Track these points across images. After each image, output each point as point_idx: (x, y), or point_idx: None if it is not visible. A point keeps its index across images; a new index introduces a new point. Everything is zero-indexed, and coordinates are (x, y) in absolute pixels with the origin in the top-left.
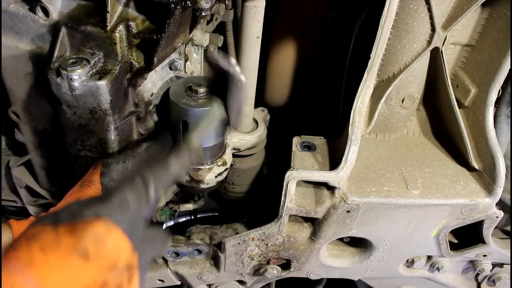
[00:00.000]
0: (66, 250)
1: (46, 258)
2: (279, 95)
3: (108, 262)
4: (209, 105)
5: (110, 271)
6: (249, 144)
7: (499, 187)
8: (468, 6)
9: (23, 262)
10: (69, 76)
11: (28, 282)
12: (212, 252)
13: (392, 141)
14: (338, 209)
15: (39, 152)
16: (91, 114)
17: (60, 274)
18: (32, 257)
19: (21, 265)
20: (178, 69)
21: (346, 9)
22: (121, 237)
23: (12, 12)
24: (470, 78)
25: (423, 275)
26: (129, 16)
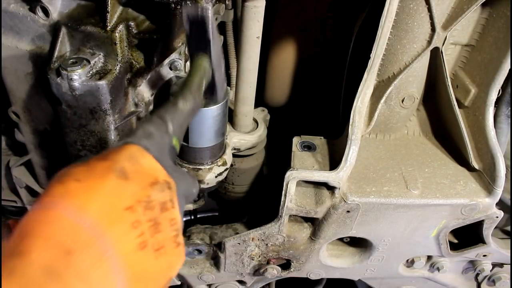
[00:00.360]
0: (102, 173)
1: (82, 185)
2: (279, 95)
3: (147, 179)
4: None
5: (152, 188)
6: (249, 144)
7: (499, 187)
8: (468, 6)
9: (57, 195)
10: (69, 76)
11: (66, 211)
12: (212, 252)
13: (392, 141)
14: (338, 209)
15: (39, 152)
16: (91, 114)
17: (101, 197)
18: (66, 188)
19: (55, 198)
20: (178, 69)
21: (346, 9)
22: (153, 159)
23: (12, 12)
24: (470, 78)
25: (423, 275)
26: (129, 16)
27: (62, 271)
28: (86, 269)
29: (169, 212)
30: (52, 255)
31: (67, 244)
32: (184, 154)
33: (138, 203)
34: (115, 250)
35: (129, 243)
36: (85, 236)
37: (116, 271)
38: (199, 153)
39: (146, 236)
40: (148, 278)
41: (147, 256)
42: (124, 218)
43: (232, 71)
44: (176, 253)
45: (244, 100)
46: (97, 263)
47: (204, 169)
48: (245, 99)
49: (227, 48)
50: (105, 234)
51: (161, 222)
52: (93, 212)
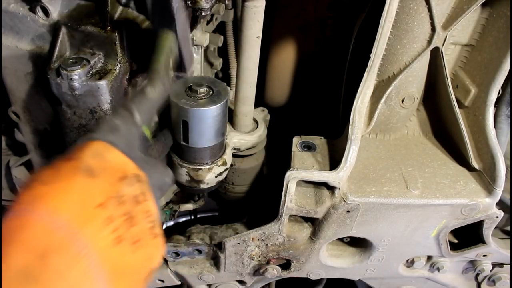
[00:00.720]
0: (68, 174)
1: (51, 188)
2: (279, 95)
3: (115, 174)
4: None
5: (121, 183)
6: (249, 144)
7: (499, 187)
8: (468, 6)
9: (27, 201)
10: (69, 76)
11: (37, 216)
12: (212, 252)
13: (392, 141)
14: (338, 209)
15: (39, 152)
16: (91, 114)
17: (70, 198)
18: (35, 193)
19: (26, 205)
20: None
21: (346, 9)
22: (120, 153)
23: (12, 12)
24: (470, 78)
25: (423, 275)
26: (129, 16)
27: (37, 275)
28: (62, 269)
29: (142, 205)
30: (27, 259)
31: (41, 247)
32: (184, 154)
33: (109, 199)
34: (91, 248)
35: (104, 239)
36: (58, 238)
37: (95, 268)
38: (199, 153)
39: (121, 231)
40: (128, 271)
41: (124, 250)
42: (96, 216)
43: (232, 71)
44: (154, 244)
45: (244, 100)
46: (73, 263)
47: (204, 169)
48: (245, 99)
49: (227, 48)
50: (79, 233)
51: (135, 215)
52: (64, 213)
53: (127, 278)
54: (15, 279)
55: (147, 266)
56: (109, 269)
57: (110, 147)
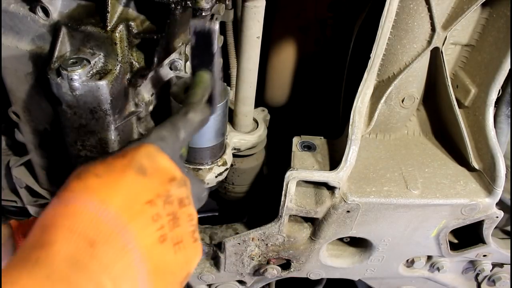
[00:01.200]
0: (121, 169)
1: (103, 180)
2: (279, 95)
3: (166, 175)
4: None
5: (170, 184)
6: (249, 144)
7: (499, 187)
8: (468, 6)
9: (77, 190)
10: (69, 76)
11: (88, 205)
12: (212, 252)
13: (392, 141)
14: (338, 209)
15: (39, 152)
16: (92, 114)
17: (121, 191)
18: (86, 183)
19: (75, 193)
20: (178, 69)
21: (346, 9)
22: (169, 159)
23: (12, 12)
24: (470, 78)
25: (423, 275)
26: (129, 16)
27: (86, 262)
28: (109, 260)
29: (187, 208)
30: (75, 246)
31: (90, 236)
32: None
33: (158, 197)
34: (137, 243)
35: (149, 236)
36: (107, 229)
37: (138, 263)
38: (199, 153)
39: (166, 230)
40: (167, 271)
41: (167, 249)
42: (144, 212)
43: (232, 71)
44: (194, 248)
45: (244, 100)
46: (120, 255)
47: (204, 169)
48: (245, 99)
49: (227, 48)
50: (127, 227)
51: (179, 217)
52: (114, 205)
53: (166, 278)
54: (63, 265)
55: (186, 269)
56: (151, 266)
57: (161, 151)
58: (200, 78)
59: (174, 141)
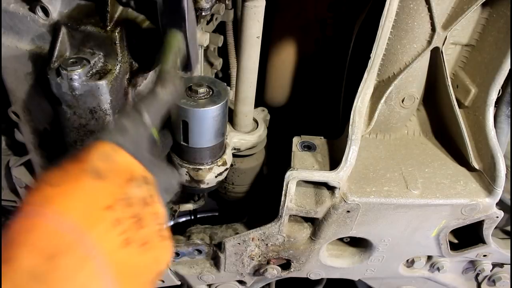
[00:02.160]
0: (76, 176)
1: (59, 190)
2: (279, 95)
3: (123, 176)
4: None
5: (129, 185)
6: (249, 144)
7: (499, 187)
8: (468, 6)
9: (36, 203)
10: (69, 76)
11: (45, 218)
12: (212, 252)
13: (392, 141)
14: (338, 209)
15: (39, 152)
16: (91, 114)
17: (78, 200)
18: (44, 195)
19: (34, 206)
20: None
21: (346, 9)
22: (128, 155)
23: (12, 12)
24: (470, 78)
25: (423, 275)
26: (129, 16)
27: (46, 276)
28: (70, 271)
29: (150, 207)
30: (36, 261)
31: (49, 249)
32: (184, 154)
33: (117, 201)
34: (98, 250)
35: (111, 242)
36: (66, 240)
37: (102, 270)
38: (199, 153)
39: (129, 233)
40: (135, 273)
41: (132, 252)
42: (103, 218)
43: (232, 71)
44: (162, 247)
45: (244, 100)
46: (81, 265)
47: (204, 169)
48: (245, 99)
49: (227, 48)
50: (86, 235)
51: (143, 217)
52: (72, 215)
53: (134, 280)
54: (23, 280)
55: (155, 269)
56: (117, 271)
57: (117, 149)
58: (171, 40)
59: (137, 129)
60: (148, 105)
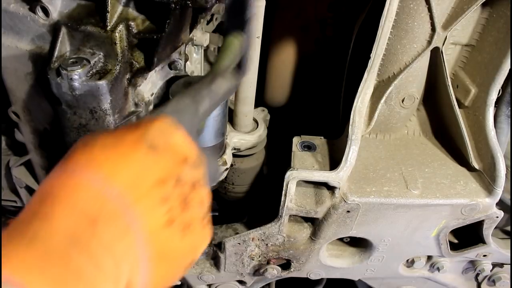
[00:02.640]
0: (132, 143)
1: (110, 154)
2: (279, 95)
3: (179, 155)
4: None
5: (183, 165)
6: (249, 144)
7: (499, 187)
8: (468, 6)
9: (82, 162)
10: (69, 76)
11: (92, 179)
12: (212, 252)
13: (392, 141)
14: (338, 209)
15: (39, 152)
16: (91, 114)
17: (129, 168)
18: (93, 155)
19: (80, 166)
20: (178, 69)
21: (346, 9)
22: (186, 135)
23: (12, 12)
24: (470, 78)
25: (423, 275)
26: (129, 16)
27: (87, 241)
28: (110, 241)
29: (199, 191)
30: (76, 223)
31: (92, 213)
32: None
33: (168, 178)
34: (141, 225)
35: (156, 219)
36: (111, 207)
37: (140, 246)
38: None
39: (174, 213)
40: (171, 257)
41: (173, 234)
42: (152, 192)
43: None
44: (202, 234)
45: (244, 100)
46: (122, 236)
47: None
48: (245, 99)
49: None
50: (132, 207)
51: (190, 200)
52: (120, 183)
53: (169, 263)
54: (62, 242)
55: (191, 256)
56: (154, 250)
57: (177, 127)
58: (231, 42)
59: (193, 114)
60: (204, 96)
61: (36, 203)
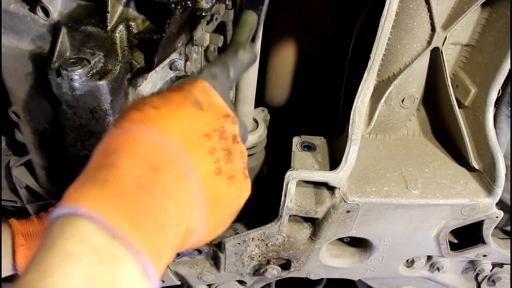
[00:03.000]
0: (179, 102)
1: (161, 112)
2: (279, 94)
3: (220, 111)
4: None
5: (225, 120)
6: (249, 144)
7: (499, 187)
8: (468, 6)
9: (136, 120)
10: (70, 76)
11: (148, 133)
12: (212, 252)
13: (392, 141)
14: (338, 209)
15: (39, 152)
16: (92, 114)
17: (180, 123)
18: (146, 114)
19: (135, 123)
20: (178, 69)
21: (346, 9)
22: (220, 97)
23: (12, 12)
24: (470, 78)
25: (423, 275)
26: (129, 16)
27: (151, 186)
28: (171, 186)
29: (239, 144)
30: (140, 170)
31: (154, 162)
32: None
33: (214, 131)
34: (195, 172)
35: (207, 167)
36: (168, 156)
37: (196, 191)
38: None
39: (221, 163)
40: (221, 203)
41: (222, 182)
42: (202, 144)
43: None
44: (245, 183)
45: (244, 100)
46: (180, 182)
47: None
48: (245, 99)
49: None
50: (186, 156)
51: (233, 152)
52: (173, 135)
53: (220, 209)
54: (131, 185)
55: (237, 202)
56: (207, 196)
57: (213, 89)
58: (248, 17)
59: (224, 80)
60: (233, 62)
61: (100, 157)
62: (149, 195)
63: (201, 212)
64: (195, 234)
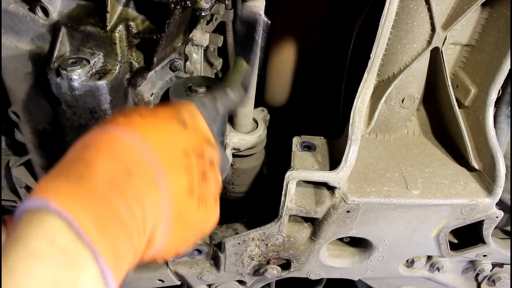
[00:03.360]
0: (165, 116)
1: (146, 121)
2: (279, 95)
3: (203, 134)
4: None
5: (205, 144)
6: (249, 144)
7: (499, 187)
8: (468, 6)
9: (121, 123)
10: (69, 76)
11: (130, 136)
12: (212, 252)
13: (392, 141)
14: (338, 209)
15: (39, 152)
16: (91, 114)
17: (162, 134)
18: (131, 120)
19: (119, 126)
20: (178, 69)
21: (346, 9)
22: (206, 124)
23: (12, 12)
24: (470, 78)
25: (423, 275)
26: (129, 16)
27: (123, 188)
28: (141, 191)
29: (215, 171)
30: (115, 170)
31: (129, 164)
32: None
33: (193, 151)
34: (167, 183)
35: (180, 183)
36: (144, 161)
37: (165, 203)
38: None
39: (195, 184)
40: (188, 222)
41: (192, 201)
42: (179, 159)
43: None
44: (214, 210)
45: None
46: (151, 190)
47: None
48: (245, 99)
49: (227, 48)
50: (161, 166)
51: (208, 177)
52: (153, 143)
53: (185, 228)
54: (104, 184)
55: (203, 226)
56: (175, 211)
57: (200, 114)
58: (240, 65)
59: (212, 110)
60: (221, 98)
61: (78, 151)
62: (119, 196)
63: (166, 225)
64: (155, 245)
